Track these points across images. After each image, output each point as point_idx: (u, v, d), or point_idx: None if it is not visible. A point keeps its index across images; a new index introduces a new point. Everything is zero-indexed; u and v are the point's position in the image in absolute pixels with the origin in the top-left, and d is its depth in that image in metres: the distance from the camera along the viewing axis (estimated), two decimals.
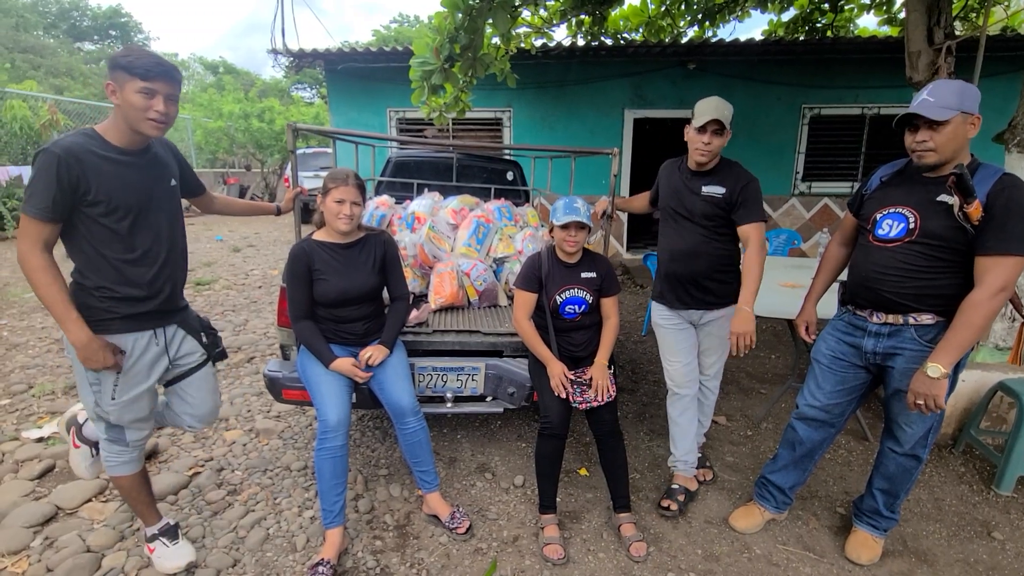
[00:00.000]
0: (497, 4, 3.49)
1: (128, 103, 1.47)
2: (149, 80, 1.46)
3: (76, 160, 1.43)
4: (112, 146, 1.53)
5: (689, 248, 2.10)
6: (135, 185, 1.56)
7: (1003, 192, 1.50)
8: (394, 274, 2.12)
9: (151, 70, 1.46)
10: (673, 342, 2.23)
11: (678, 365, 2.22)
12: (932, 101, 1.53)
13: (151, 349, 1.67)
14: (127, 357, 1.61)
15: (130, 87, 1.45)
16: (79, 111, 9.53)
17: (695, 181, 2.11)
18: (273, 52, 6.14)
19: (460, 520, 2.04)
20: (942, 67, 3.02)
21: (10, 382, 3.24)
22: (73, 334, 1.49)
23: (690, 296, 2.14)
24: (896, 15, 5.64)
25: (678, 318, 2.21)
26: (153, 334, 1.67)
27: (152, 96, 1.48)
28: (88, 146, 1.47)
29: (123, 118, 1.51)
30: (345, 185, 1.90)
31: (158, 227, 1.64)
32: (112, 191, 1.50)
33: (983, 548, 2.04)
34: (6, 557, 1.87)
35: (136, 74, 1.45)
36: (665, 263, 2.21)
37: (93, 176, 1.46)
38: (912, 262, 1.63)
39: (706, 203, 2.07)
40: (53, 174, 1.41)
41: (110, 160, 1.51)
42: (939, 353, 1.55)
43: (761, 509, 2.12)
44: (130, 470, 1.76)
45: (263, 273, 6.32)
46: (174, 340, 1.74)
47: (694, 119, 2.00)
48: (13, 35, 22.01)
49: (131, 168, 1.56)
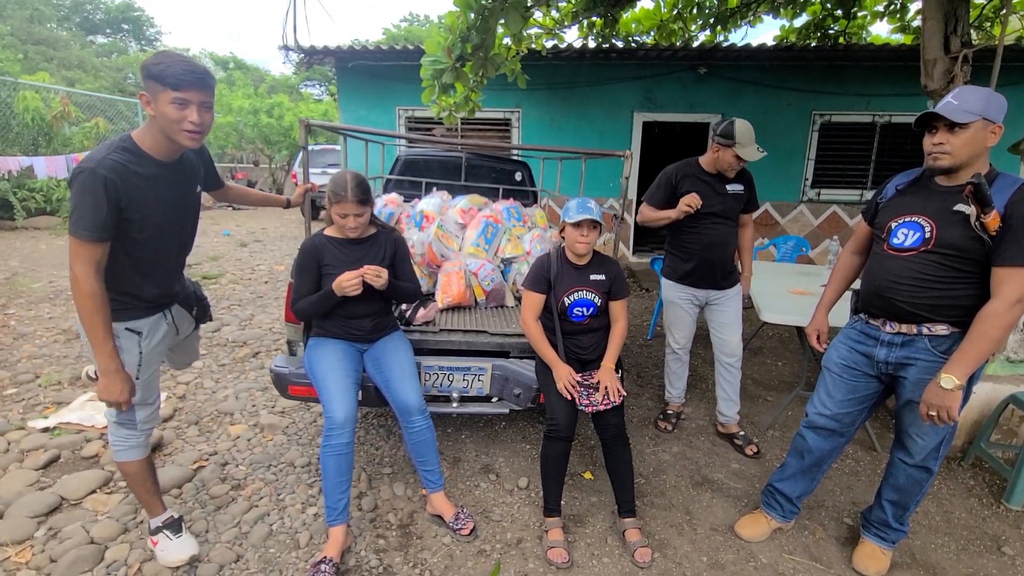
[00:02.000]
0: (509, 4, 3.48)
1: (162, 115, 1.45)
2: (181, 90, 1.42)
3: (121, 179, 1.44)
4: (148, 158, 1.53)
5: (721, 238, 2.56)
6: (165, 199, 1.59)
7: (1021, 203, 1.48)
8: (404, 270, 2.12)
9: (183, 79, 1.42)
10: (685, 316, 2.74)
11: (682, 334, 2.78)
12: (956, 104, 1.51)
13: (161, 328, 1.74)
14: (144, 337, 1.67)
15: (163, 98, 1.43)
16: (90, 103, 9.58)
17: (718, 182, 2.54)
18: (284, 48, 6.15)
19: (464, 521, 2.03)
20: (958, 76, 2.99)
21: (17, 371, 3.25)
22: (103, 363, 1.53)
23: (714, 278, 2.61)
24: (909, 23, 5.61)
25: (694, 298, 2.69)
26: (163, 314, 1.75)
27: (186, 106, 1.45)
28: (127, 163, 1.47)
29: (159, 129, 1.50)
30: (344, 201, 1.87)
31: (180, 234, 1.71)
32: (144, 207, 1.52)
33: (992, 563, 2.02)
34: (10, 547, 1.87)
35: (168, 84, 1.41)
36: (699, 252, 2.58)
37: (132, 193, 1.48)
38: (927, 272, 1.61)
39: (733, 199, 2.56)
40: (102, 196, 1.40)
41: (145, 175, 1.51)
42: (953, 364, 1.53)
43: (768, 518, 2.10)
44: (137, 455, 1.77)
45: (269, 268, 6.34)
46: (176, 315, 1.83)
47: (736, 145, 2.37)
48: (27, 27, 22.17)
49: (163, 182, 1.57)
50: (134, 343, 1.66)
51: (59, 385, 3.12)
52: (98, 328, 1.48)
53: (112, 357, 1.53)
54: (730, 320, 2.65)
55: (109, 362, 1.52)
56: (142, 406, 1.74)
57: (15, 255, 6.28)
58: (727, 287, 2.65)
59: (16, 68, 9.79)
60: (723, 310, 2.66)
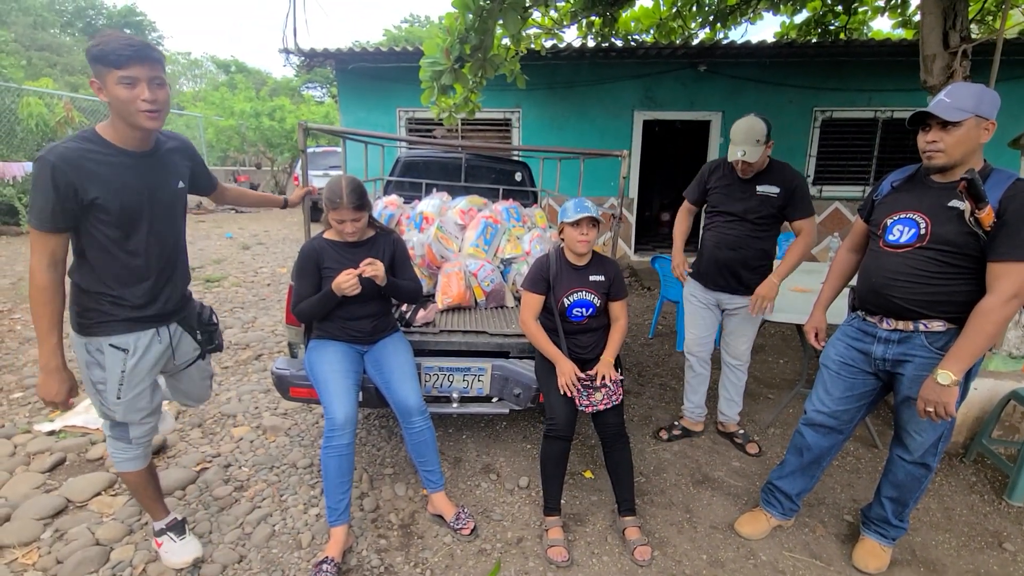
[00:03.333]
0: (508, 5, 3.49)
1: (115, 98, 1.38)
2: (124, 67, 1.35)
3: (71, 166, 1.38)
4: (113, 147, 1.47)
5: (735, 240, 2.42)
6: (133, 187, 1.50)
7: (1016, 198, 1.48)
8: (404, 271, 2.14)
9: (123, 55, 1.34)
10: (696, 314, 2.63)
11: (694, 335, 2.64)
12: (948, 102, 1.52)
13: (153, 347, 1.66)
14: (130, 355, 1.60)
15: (110, 80, 1.36)
16: (93, 108, 9.63)
17: (748, 182, 2.39)
18: (285, 51, 6.18)
19: (465, 521, 2.04)
20: (957, 71, 2.98)
21: (23, 375, 3.28)
22: (42, 359, 1.48)
23: (724, 280, 2.48)
24: (911, 18, 5.59)
25: (707, 297, 2.58)
26: (156, 332, 1.67)
27: (135, 84, 1.37)
28: (85, 150, 1.42)
29: (117, 115, 1.43)
30: (340, 208, 1.88)
31: (160, 231, 1.60)
32: (108, 193, 1.44)
33: (994, 559, 2.01)
34: (17, 548, 1.90)
35: (111, 63, 1.34)
36: (711, 249, 2.50)
37: (90, 180, 1.41)
38: (923, 268, 1.61)
39: (760, 201, 2.38)
40: (49, 183, 1.36)
41: (108, 162, 1.45)
42: (950, 360, 1.53)
43: (767, 515, 2.11)
44: (136, 466, 1.77)
45: (272, 271, 6.37)
46: (175, 336, 1.76)
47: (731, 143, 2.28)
48: (31, 33, 22.33)
49: (131, 170, 1.50)
50: (117, 360, 1.59)
51: None
52: (43, 321, 1.45)
53: (53, 354, 1.47)
54: (738, 330, 2.56)
55: (49, 359, 1.47)
56: (137, 424, 1.69)
57: (21, 260, 6.33)
58: (736, 293, 2.48)
59: (20, 75, 9.84)
60: (735, 319, 2.55)
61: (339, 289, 1.89)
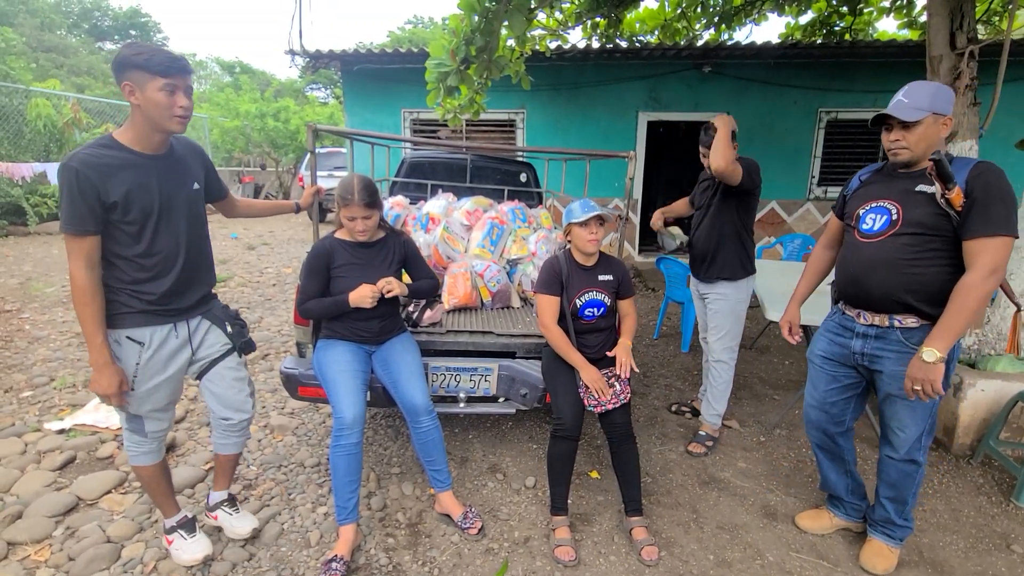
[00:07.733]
0: (513, 6, 3.50)
1: (151, 102, 1.48)
2: (170, 76, 1.47)
3: (93, 169, 1.46)
4: (131, 151, 1.54)
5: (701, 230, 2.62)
6: (153, 188, 1.57)
7: (980, 176, 1.55)
8: (420, 269, 2.18)
9: (170, 66, 1.47)
10: (698, 308, 2.84)
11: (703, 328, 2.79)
12: (906, 103, 1.60)
13: (170, 342, 1.68)
14: (145, 348, 1.64)
15: (152, 86, 1.46)
16: (100, 109, 9.71)
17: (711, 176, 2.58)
18: (290, 52, 6.21)
19: (472, 520, 2.05)
20: (964, 72, 2.97)
21: (32, 374, 3.31)
22: (92, 356, 1.54)
23: (699, 269, 2.67)
24: (917, 18, 5.57)
25: (697, 288, 2.77)
26: (173, 327, 1.69)
27: (174, 92, 1.50)
28: (104, 154, 1.49)
29: (144, 118, 1.51)
30: (352, 205, 1.90)
31: (177, 232, 1.64)
32: (129, 194, 1.51)
33: (1002, 561, 2.01)
34: (29, 545, 1.92)
35: (156, 72, 1.45)
36: (691, 239, 2.74)
37: (111, 182, 1.48)
38: (898, 255, 1.65)
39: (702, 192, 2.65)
40: (76, 187, 1.44)
41: (128, 165, 1.52)
42: (934, 338, 1.56)
43: (831, 515, 2.13)
44: (150, 460, 1.79)
45: (277, 271, 6.40)
46: (197, 331, 1.76)
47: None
48: (38, 35, 22.47)
49: (150, 171, 1.56)
50: (133, 352, 1.62)
51: (73, 388, 3.18)
52: (88, 321, 1.51)
53: (101, 350, 1.53)
54: (712, 318, 2.64)
55: (99, 355, 1.53)
56: (150, 417, 1.73)
57: (28, 260, 6.38)
58: (709, 280, 2.61)
59: (28, 76, 9.91)
60: (709, 307, 2.66)
61: (356, 303, 1.92)
